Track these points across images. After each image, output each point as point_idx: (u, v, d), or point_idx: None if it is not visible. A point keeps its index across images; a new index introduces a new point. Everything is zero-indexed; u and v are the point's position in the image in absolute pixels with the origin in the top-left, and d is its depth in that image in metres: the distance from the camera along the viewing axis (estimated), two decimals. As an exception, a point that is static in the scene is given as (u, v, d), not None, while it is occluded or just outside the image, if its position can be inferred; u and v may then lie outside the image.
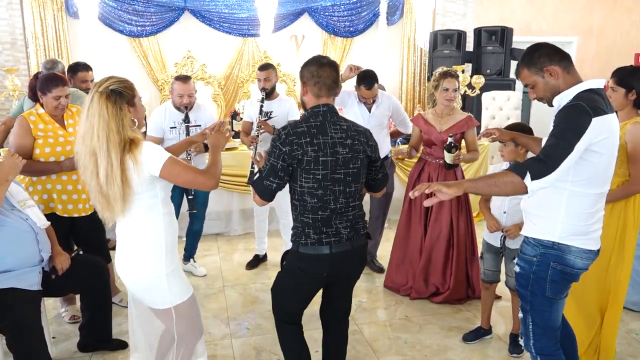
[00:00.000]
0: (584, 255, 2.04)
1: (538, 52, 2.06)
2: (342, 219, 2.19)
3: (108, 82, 1.99)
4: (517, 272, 2.16)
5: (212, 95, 7.07)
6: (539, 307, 2.10)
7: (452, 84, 3.47)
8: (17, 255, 2.52)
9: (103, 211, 2.02)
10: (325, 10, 7.38)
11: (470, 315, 3.48)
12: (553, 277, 2.04)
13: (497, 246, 2.98)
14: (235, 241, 4.94)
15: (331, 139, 2.12)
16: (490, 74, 7.04)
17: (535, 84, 2.07)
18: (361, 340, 3.19)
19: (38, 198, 2.95)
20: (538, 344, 2.13)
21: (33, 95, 3.03)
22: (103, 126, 1.92)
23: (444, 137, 3.49)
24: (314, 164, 2.09)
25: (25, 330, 2.38)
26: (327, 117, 2.16)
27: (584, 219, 2.02)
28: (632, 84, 2.66)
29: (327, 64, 2.20)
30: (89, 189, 2.02)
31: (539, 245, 2.07)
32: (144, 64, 7.01)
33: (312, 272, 2.22)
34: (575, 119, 1.89)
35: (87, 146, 1.95)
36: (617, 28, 8.27)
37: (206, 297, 3.76)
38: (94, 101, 1.94)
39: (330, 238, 2.16)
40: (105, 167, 1.92)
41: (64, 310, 3.40)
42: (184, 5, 6.93)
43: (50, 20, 6.58)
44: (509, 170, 1.90)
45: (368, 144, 2.22)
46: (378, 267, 4.26)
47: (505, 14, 7.90)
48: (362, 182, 2.24)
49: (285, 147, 2.08)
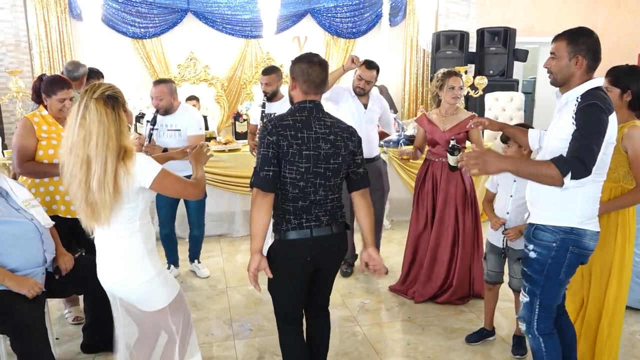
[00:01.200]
0: (595, 237, 2.21)
1: (585, 38, 2.12)
2: (322, 208, 2.27)
3: (102, 89, 1.98)
4: (532, 257, 2.24)
5: (215, 96, 7.09)
6: (549, 290, 2.23)
7: (457, 82, 3.50)
8: (23, 255, 2.52)
9: (88, 221, 2.03)
10: (328, 11, 7.38)
11: (473, 316, 3.48)
12: (570, 260, 2.19)
13: (500, 247, 2.98)
14: (238, 242, 4.94)
15: (315, 133, 2.20)
16: (493, 74, 7.03)
17: (560, 59, 2.15)
18: (364, 341, 3.19)
19: (41, 200, 2.95)
20: (542, 324, 2.27)
21: (37, 97, 3.04)
22: (103, 133, 1.92)
23: (447, 136, 3.50)
24: (298, 157, 2.16)
25: (28, 331, 2.38)
26: (313, 113, 2.24)
27: (594, 204, 2.20)
28: (627, 84, 2.51)
29: (318, 63, 2.26)
30: (74, 198, 2.02)
31: (558, 231, 2.17)
32: (147, 66, 7.03)
33: (296, 258, 2.26)
34: (598, 119, 2.00)
35: (79, 155, 1.93)
36: (620, 28, 8.25)
37: (209, 299, 3.76)
38: (91, 108, 1.93)
39: (311, 222, 2.24)
40: (99, 174, 1.92)
41: (67, 312, 3.41)
42: (187, 6, 6.95)
43: (54, 22, 6.60)
44: (552, 164, 1.93)
45: (351, 139, 2.28)
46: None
47: (508, 15, 7.90)
48: (341, 177, 2.32)
49: (272, 137, 2.15)
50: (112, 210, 1.98)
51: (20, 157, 2.89)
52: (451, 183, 3.59)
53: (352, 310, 3.58)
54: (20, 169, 2.93)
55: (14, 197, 2.58)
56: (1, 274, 2.44)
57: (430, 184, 3.67)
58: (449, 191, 3.59)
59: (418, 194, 3.77)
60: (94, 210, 1.97)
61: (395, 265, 4.34)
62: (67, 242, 2.95)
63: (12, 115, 6.43)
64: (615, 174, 2.56)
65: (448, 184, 3.59)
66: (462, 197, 3.60)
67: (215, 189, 4.80)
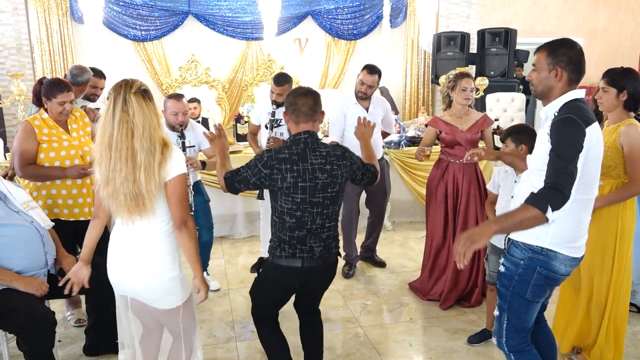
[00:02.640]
0: (569, 263, 2.07)
1: (565, 49, 2.03)
2: (317, 238, 2.35)
3: (137, 84, 2.03)
4: (501, 271, 2.19)
5: (216, 98, 7.09)
6: (516, 307, 2.14)
7: (469, 84, 3.52)
8: (25, 258, 2.53)
9: (130, 214, 2.01)
10: (329, 13, 7.39)
11: (475, 317, 3.47)
12: (537, 281, 2.08)
13: (501, 247, 2.97)
14: (240, 244, 4.95)
15: (311, 165, 2.27)
16: (494, 75, 7.03)
17: (540, 71, 2.07)
18: (366, 342, 3.19)
19: (42, 203, 2.95)
20: (510, 341, 2.19)
21: (37, 100, 3.04)
22: (148, 125, 1.96)
23: (467, 136, 3.52)
24: (293, 188, 2.25)
25: (34, 332, 2.40)
26: (308, 144, 2.31)
27: (572, 225, 2.04)
28: (623, 84, 2.64)
29: (304, 93, 2.37)
30: (112, 196, 1.99)
31: (528, 249, 2.08)
32: (149, 68, 7.05)
33: (284, 282, 2.42)
34: (573, 134, 1.90)
35: (123, 150, 1.94)
36: (621, 29, 8.24)
37: (211, 301, 3.76)
38: (132, 102, 1.96)
39: (304, 254, 2.33)
40: (145, 165, 1.95)
41: (69, 314, 3.41)
42: (188, 9, 6.97)
43: (55, 25, 6.62)
44: (529, 205, 1.88)
45: (345, 165, 2.37)
46: (379, 262, 4.37)
47: (509, 16, 7.89)
48: (339, 204, 2.40)
49: (266, 170, 2.25)
50: (157, 200, 2.01)
51: (21, 161, 2.90)
52: (472, 183, 3.59)
53: (354, 312, 3.58)
54: (21, 173, 2.94)
55: (12, 199, 2.59)
56: (8, 275, 2.46)
57: (450, 185, 3.63)
58: (471, 191, 3.59)
59: (435, 195, 3.70)
60: (138, 203, 1.98)
61: (397, 266, 4.35)
62: (70, 244, 2.96)
63: (14, 118, 6.45)
64: (616, 171, 2.69)
65: (469, 184, 3.59)
66: (480, 196, 3.61)
67: (216, 191, 4.79)
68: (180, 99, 3.54)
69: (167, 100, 3.54)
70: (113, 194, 2.00)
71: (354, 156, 2.44)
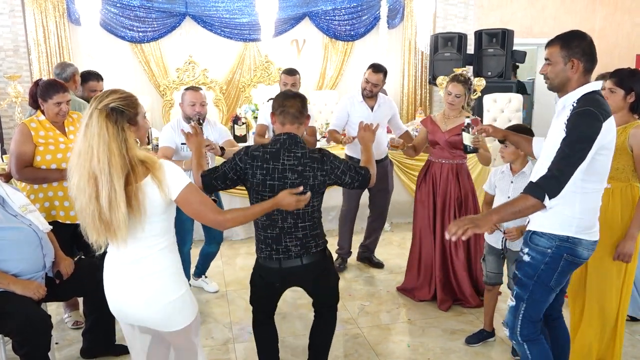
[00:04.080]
0: (590, 247, 2.17)
1: (578, 40, 2.09)
2: (292, 237, 2.38)
3: (109, 99, 1.81)
4: (525, 261, 2.21)
5: (214, 100, 7.09)
6: (538, 297, 2.21)
7: (455, 89, 3.46)
8: (23, 261, 2.53)
9: (99, 237, 1.82)
10: (326, 14, 7.39)
11: (473, 317, 3.47)
12: (563, 267, 2.16)
13: (499, 248, 2.98)
14: (238, 245, 4.94)
15: (282, 165, 2.32)
16: (491, 76, 7.03)
17: (555, 64, 2.12)
18: (364, 343, 3.19)
19: (40, 206, 2.95)
20: (525, 330, 2.24)
21: (34, 102, 3.04)
22: (103, 148, 1.74)
23: (446, 137, 3.50)
24: (262, 186, 2.32)
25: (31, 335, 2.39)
26: (285, 145, 2.35)
27: (592, 213, 2.17)
28: (631, 85, 2.62)
29: (292, 96, 2.44)
30: (83, 214, 1.82)
31: (554, 238, 2.15)
32: (146, 70, 7.04)
33: (267, 279, 2.51)
34: (588, 127, 1.97)
35: (85, 167, 1.77)
36: (618, 29, 8.25)
37: (209, 302, 3.76)
38: (93, 119, 1.77)
39: (280, 255, 2.39)
40: (107, 192, 1.74)
41: (67, 316, 3.40)
42: (185, 10, 6.96)
43: (52, 27, 6.61)
44: (527, 194, 1.99)
45: (322, 169, 2.36)
46: (377, 263, 4.39)
47: (506, 17, 7.90)
48: (312, 206, 2.39)
49: (241, 164, 2.35)
50: (129, 230, 1.81)
51: (18, 164, 2.90)
52: (451, 184, 3.57)
53: (352, 313, 3.58)
54: (18, 175, 2.94)
55: (10, 203, 2.58)
56: (5, 279, 2.45)
57: (430, 184, 3.65)
58: (448, 192, 3.57)
59: (418, 194, 3.75)
60: (109, 229, 1.79)
61: (395, 267, 4.35)
62: (67, 247, 2.95)
63: (11, 120, 6.44)
64: (624, 173, 2.65)
65: (447, 185, 3.57)
66: (460, 199, 3.58)
67: (215, 192, 4.79)
68: (198, 90, 3.54)
69: (184, 93, 3.52)
70: (80, 212, 1.84)
71: (335, 161, 2.41)
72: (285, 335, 3.25)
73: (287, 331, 3.31)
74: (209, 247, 3.84)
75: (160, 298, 1.93)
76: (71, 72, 3.88)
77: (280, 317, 3.47)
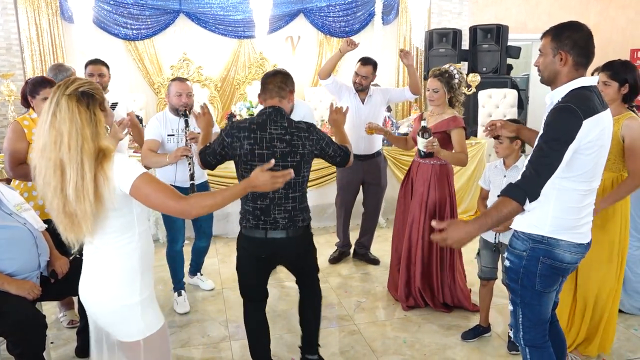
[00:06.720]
0: (573, 250, 2.02)
1: (570, 32, 1.96)
2: (281, 208, 2.43)
3: (76, 84, 1.73)
4: (507, 266, 2.17)
5: (209, 97, 7.06)
6: (529, 300, 2.10)
7: (432, 84, 3.33)
8: (18, 260, 2.52)
9: (66, 232, 1.74)
10: (321, 10, 7.37)
11: (468, 313, 3.48)
12: (542, 271, 2.04)
13: (492, 242, 2.98)
14: (233, 243, 4.86)
15: (269, 134, 2.39)
16: (486, 72, 7.05)
17: (545, 55, 2.02)
18: (360, 340, 3.19)
19: (34, 203, 2.94)
20: (527, 335, 2.15)
21: (24, 101, 3.03)
22: (75, 134, 1.66)
23: None
24: (250, 155, 2.38)
25: (25, 334, 2.38)
26: (271, 116, 2.43)
27: (573, 213, 2.00)
28: (625, 77, 2.65)
29: (273, 73, 2.55)
30: (50, 208, 1.75)
31: (528, 239, 2.05)
32: (140, 67, 7.00)
33: (252, 252, 2.54)
34: (565, 124, 1.86)
35: (51, 159, 1.68)
36: (612, 24, 8.27)
37: (204, 300, 3.76)
38: (62, 105, 1.67)
39: (267, 225, 2.44)
40: (75, 181, 1.66)
41: (62, 315, 3.39)
42: (179, 8, 6.93)
43: (45, 24, 6.56)
44: (506, 197, 1.87)
45: (309, 138, 2.45)
46: (373, 259, 4.40)
47: (501, 12, 7.90)
48: (303, 175, 2.48)
49: (228, 138, 2.42)
50: (95, 221, 1.73)
51: (11, 161, 2.90)
52: (427, 187, 3.40)
53: (348, 309, 3.58)
54: (12, 173, 2.94)
55: (5, 202, 2.57)
56: (0, 278, 2.44)
57: (409, 185, 3.56)
58: (423, 195, 3.42)
59: (399, 193, 3.69)
60: (73, 222, 1.71)
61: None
62: (61, 246, 2.93)
63: (5, 119, 6.40)
64: (616, 164, 2.69)
65: (423, 187, 3.42)
66: (436, 203, 3.40)
67: (209, 190, 4.78)
68: (184, 80, 3.54)
69: (170, 84, 3.51)
70: (49, 208, 1.75)
71: (320, 132, 2.52)
72: (282, 332, 3.25)
73: (284, 328, 3.31)
74: (199, 241, 3.85)
75: (113, 299, 1.84)
76: (65, 76, 3.80)
77: (275, 314, 3.48)
